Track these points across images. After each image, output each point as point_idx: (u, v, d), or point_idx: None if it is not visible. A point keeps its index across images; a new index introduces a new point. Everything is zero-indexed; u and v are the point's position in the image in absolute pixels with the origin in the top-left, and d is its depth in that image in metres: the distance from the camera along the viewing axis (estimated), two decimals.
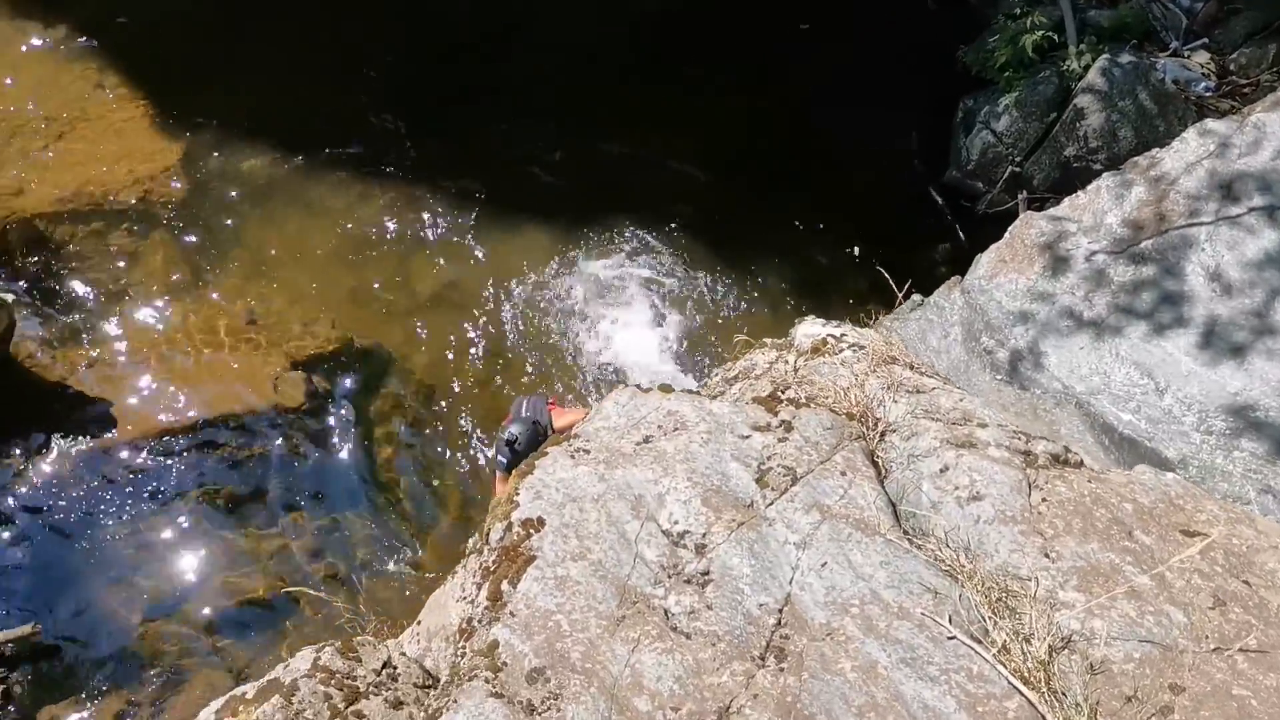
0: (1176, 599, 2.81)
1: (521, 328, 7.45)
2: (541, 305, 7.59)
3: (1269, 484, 5.21)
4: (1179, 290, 5.83)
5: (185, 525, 6.23)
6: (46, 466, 6.31)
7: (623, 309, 7.57)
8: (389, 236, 7.92)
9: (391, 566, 6.17)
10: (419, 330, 7.41)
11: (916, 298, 6.74)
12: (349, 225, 7.93)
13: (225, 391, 6.89)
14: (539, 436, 5.29)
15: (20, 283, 7.17)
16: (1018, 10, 8.20)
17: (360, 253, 7.80)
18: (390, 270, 7.72)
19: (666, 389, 3.72)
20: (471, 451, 6.76)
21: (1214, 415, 5.42)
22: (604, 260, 7.88)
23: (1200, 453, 5.38)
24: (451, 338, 7.36)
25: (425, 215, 8.05)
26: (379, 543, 6.27)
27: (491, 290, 7.62)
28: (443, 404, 7.02)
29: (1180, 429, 5.46)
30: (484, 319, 7.46)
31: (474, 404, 7.04)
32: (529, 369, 7.23)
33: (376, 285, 7.64)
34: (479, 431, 6.86)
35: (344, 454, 6.71)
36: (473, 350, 7.31)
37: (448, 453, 6.77)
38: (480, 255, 7.85)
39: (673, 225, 8.08)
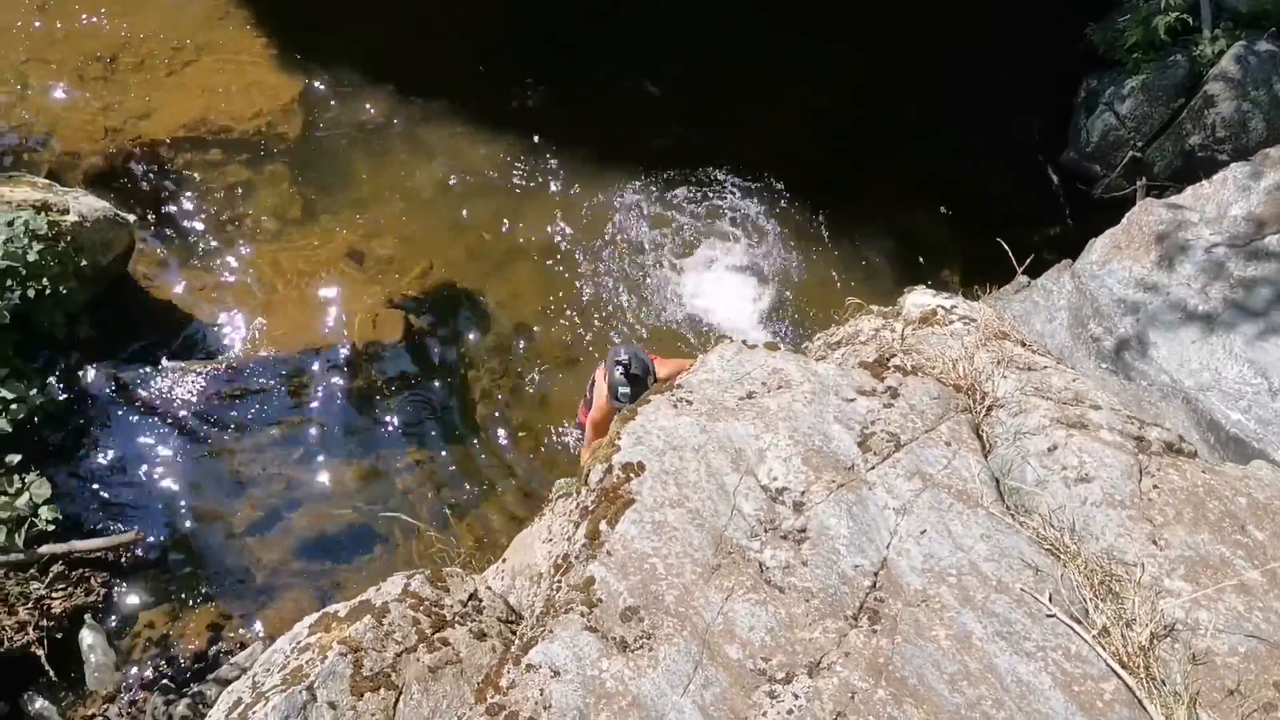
0: None
1: (616, 281, 7.48)
2: (638, 260, 7.61)
3: None
4: None
5: (281, 449, 6.39)
6: (156, 383, 6.52)
7: (718, 269, 7.56)
8: (493, 185, 8.00)
9: (478, 504, 6.26)
10: (516, 276, 7.48)
11: (1022, 279, 6.61)
12: (455, 172, 8.03)
13: (326, 323, 7.03)
14: (647, 374, 5.05)
15: (141, 205, 7.39)
16: None
17: (464, 199, 7.89)
18: (492, 217, 7.80)
19: (773, 347, 3.70)
20: (560, 397, 6.82)
21: None
22: (703, 220, 7.87)
23: None
24: (547, 286, 7.43)
25: (529, 166, 8.11)
26: (467, 480, 6.37)
27: (590, 242, 7.67)
28: (534, 350, 7.09)
29: None
30: (580, 270, 7.51)
31: (565, 352, 7.10)
32: (622, 321, 7.26)
33: (477, 231, 7.73)
34: (569, 379, 6.91)
35: (437, 392, 6.82)
36: (567, 299, 7.36)
37: (537, 398, 6.84)
38: (581, 208, 7.89)
39: (775, 188, 8.03)
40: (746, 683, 2.58)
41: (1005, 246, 4.89)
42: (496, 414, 6.77)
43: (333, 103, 8.28)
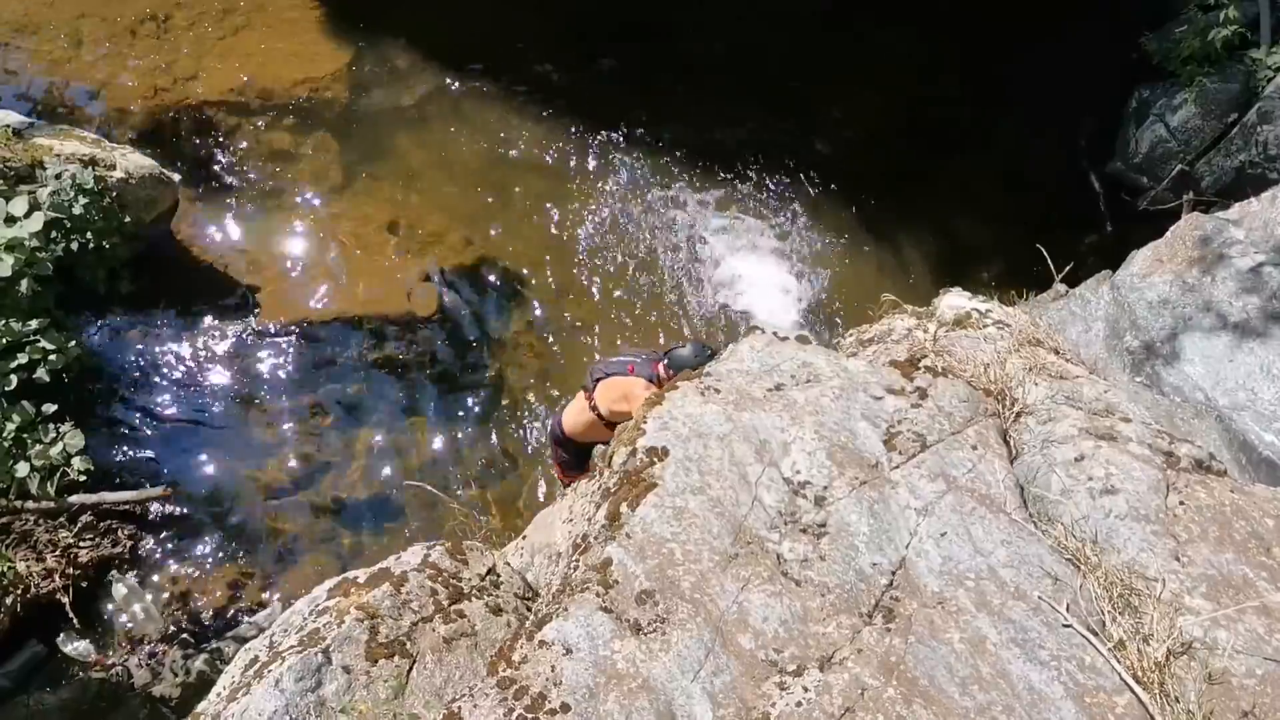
0: None
1: (652, 264, 7.51)
2: (676, 246, 7.63)
3: None
4: None
5: (310, 415, 6.46)
6: (193, 341, 6.60)
7: (756, 260, 7.57)
8: (537, 165, 8.04)
9: (502, 480, 6.30)
10: (554, 257, 7.50)
11: (1060, 287, 6.54)
12: (499, 148, 8.08)
13: (363, 293, 7.09)
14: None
15: (185, 165, 7.47)
16: (1212, 1, 7.79)
17: (507, 178, 7.93)
18: (534, 197, 7.83)
19: (804, 340, 3.70)
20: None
21: None
22: (745, 210, 7.87)
23: None
24: (585, 267, 7.45)
25: (576, 149, 8.14)
26: (492, 456, 6.41)
27: (629, 227, 7.69)
28: (567, 331, 7.12)
29: None
30: (618, 254, 7.53)
31: (598, 333, 7.12)
32: (655, 304, 7.28)
33: (518, 209, 7.77)
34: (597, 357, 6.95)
35: (468, 368, 6.86)
36: (603, 282, 7.39)
37: (567, 378, 6.86)
38: (623, 193, 7.92)
39: (819, 182, 8.03)
40: (757, 673, 2.59)
41: (1045, 254, 4.84)
42: (525, 393, 6.80)
43: (381, 74, 8.33)
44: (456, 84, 8.39)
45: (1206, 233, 6.15)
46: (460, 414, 6.63)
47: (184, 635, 5.55)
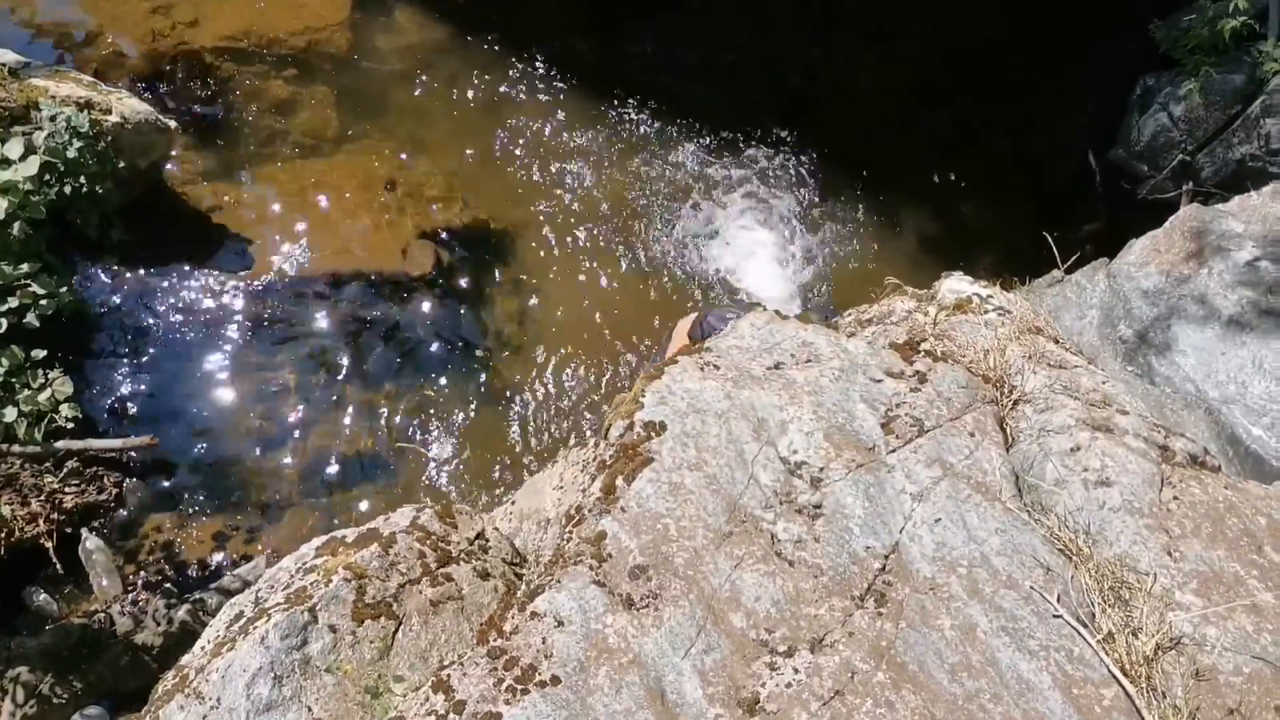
0: None
1: (653, 234, 7.46)
2: (677, 217, 7.59)
3: None
4: None
5: (302, 371, 6.42)
6: (184, 291, 6.54)
7: (757, 234, 7.54)
8: (541, 132, 7.96)
9: (494, 443, 6.29)
10: (553, 219, 7.46)
11: (1056, 274, 6.55)
12: (501, 110, 8.00)
13: (356, 249, 7.03)
14: None
15: (182, 112, 7.38)
16: None
17: (510, 141, 7.86)
18: (537, 162, 7.77)
19: (805, 319, 3.68)
20: (584, 346, 6.82)
21: None
22: (750, 187, 7.83)
23: None
24: (584, 232, 7.41)
25: (578, 113, 8.07)
26: (485, 419, 6.39)
27: (632, 197, 7.65)
28: (564, 297, 7.09)
29: None
30: (619, 223, 7.49)
31: (593, 301, 7.09)
32: (654, 273, 7.26)
33: (519, 173, 7.70)
34: (595, 328, 6.91)
35: (462, 328, 6.82)
36: (602, 250, 7.35)
37: (561, 344, 6.84)
38: (628, 163, 7.85)
39: (827, 164, 7.99)
40: (748, 652, 2.59)
41: (1050, 240, 4.84)
42: (519, 356, 6.77)
43: (384, 26, 8.22)
44: (459, 43, 8.29)
45: (1204, 225, 6.16)
46: (453, 375, 6.60)
47: (167, 584, 5.54)
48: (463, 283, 7.05)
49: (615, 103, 8.15)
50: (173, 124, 6.84)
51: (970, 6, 8.55)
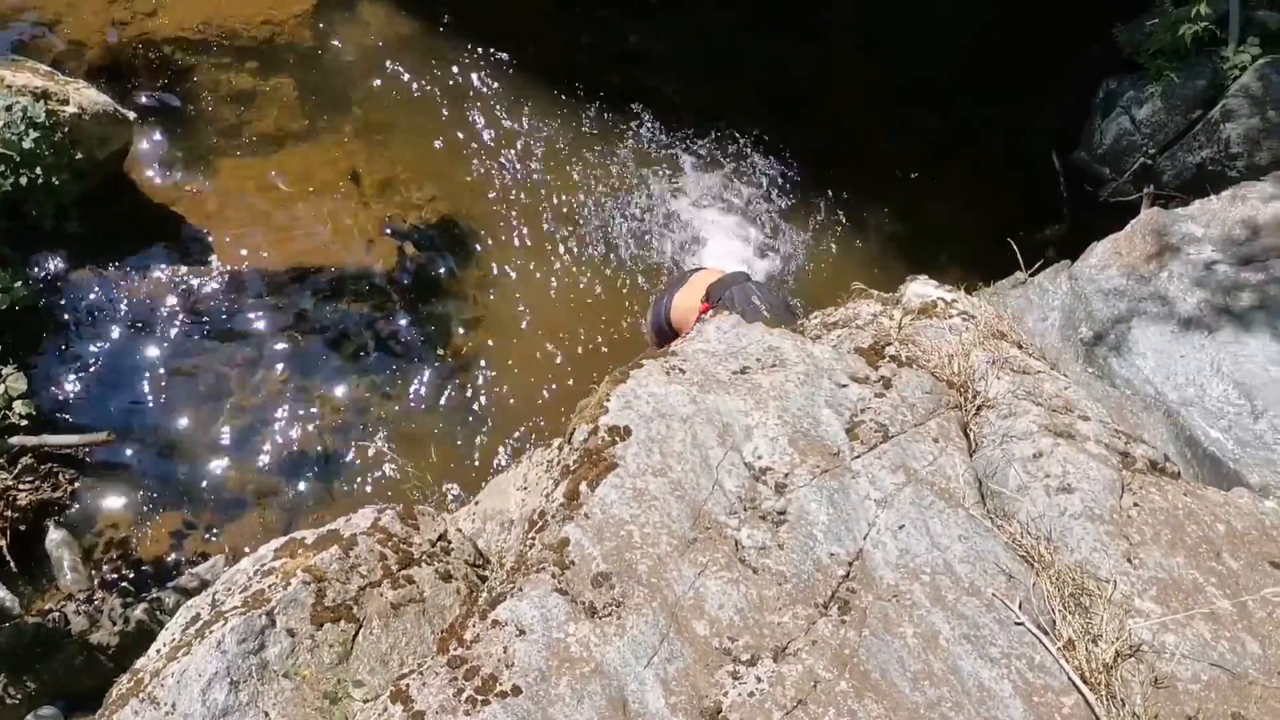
0: (1255, 629, 2.75)
1: (620, 231, 7.44)
2: (646, 214, 7.57)
3: None
4: None
5: (263, 367, 6.35)
6: (143, 285, 6.45)
7: (724, 234, 7.53)
8: (512, 126, 7.90)
9: (457, 443, 6.25)
10: (520, 214, 7.42)
11: (1019, 275, 6.59)
12: (467, 104, 7.93)
13: (319, 244, 6.96)
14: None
15: (141, 103, 7.27)
16: None
17: (479, 136, 7.80)
18: (505, 158, 7.72)
19: (771, 322, 3.67)
20: (552, 344, 6.79)
21: None
22: (719, 185, 7.83)
23: None
24: (550, 230, 7.37)
25: (544, 109, 8.02)
26: (447, 418, 6.34)
27: (600, 194, 7.62)
28: (530, 293, 7.05)
29: (1269, 456, 5.30)
30: (587, 216, 7.46)
31: (559, 297, 7.06)
32: (619, 270, 7.24)
33: (488, 168, 7.64)
34: (561, 326, 6.89)
35: (426, 325, 6.77)
36: (568, 243, 7.32)
37: (527, 342, 6.81)
38: (596, 157, 7.82)
39: (789, 159, 7.99)
40: (711, 661, 2.58)
41: (1014, 245, 4.86)
42: (485, 353, 6.73)
43: (350, 17, 8.12)
44: (425, 36, 8.21)
45: (1165, 228, 6.21)
46: (416, 372, 6.55)
47: (123, 583, 5.47)
48: (427, 277, 7.00)
49: (584, 97, 8.11)
50: (132, 115, 6.74)
51: (940, 12, 8.59)
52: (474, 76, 8.07)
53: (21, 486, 5.47)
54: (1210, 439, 5.44)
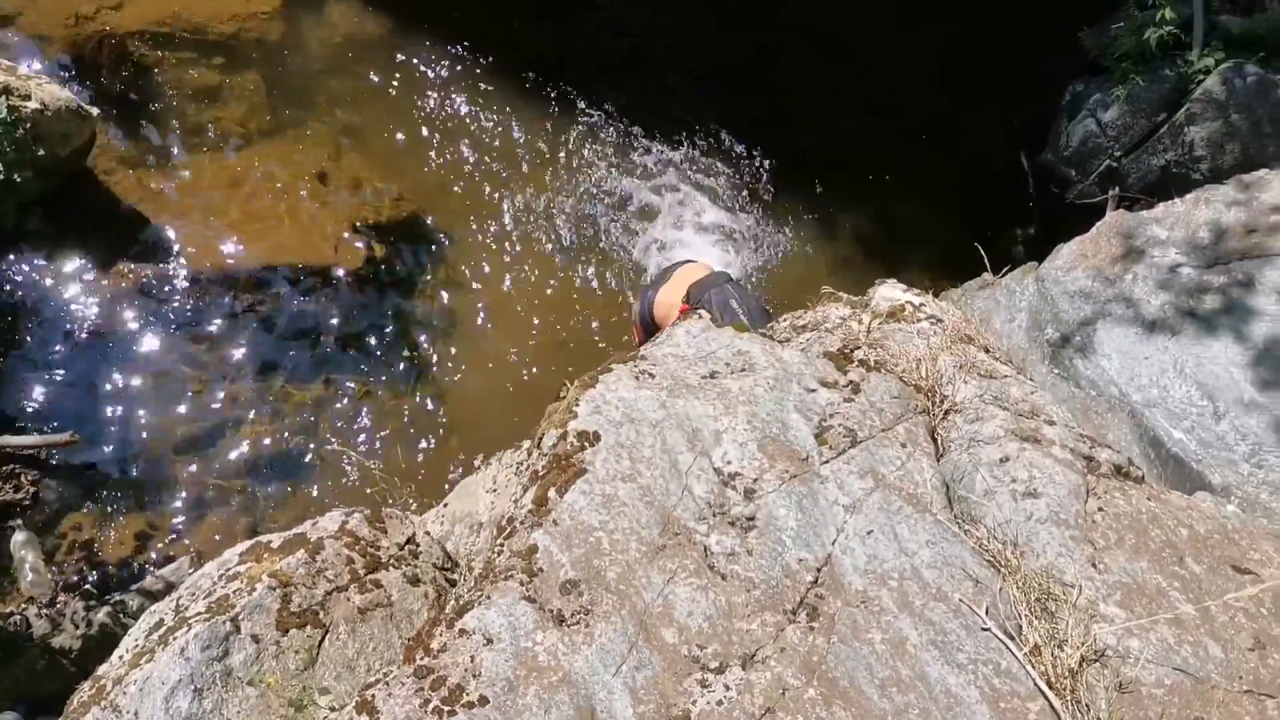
0: (1217, 634, 2.78)
1: (589, 231, 7.43)
2: (615, 214, 7.56)
3: None
4: (1259, 318, 5.69)
5: (228, 367, 6.29)
6: (106, 284, 6.36)
7: (695, 235, 7.52)
8: (482, 125, 7.85)
9: (424, 444, 6.21)
10: (488, 214, 7.38)
11: (987, 276, 6.63)
12: (436, 102, 7.88)
13: (285, 242, 6.89)
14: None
15: (105, 98, 7.16)
16: (1150, 0, 7.88)
17: (449, 135, 7.75)
18: (474, 157, 7.67)
19: (741, 327, 3.67)
20: (516, 345, 6.77)
21: (1269, 450, 5.31)
22: (688, 187, 7.82)
23: (1246, 485, 5.28)
24: (519, 231, 7.34)
25: (513, 108, 7.97)
26: (414, 419, 6.31)
27: (568, 195, 7.59)
28: (497, 290, 7.02)
29: (1231, 457, 5.36)
30: (555, 217, 7.44)
31: (525, 298, 7.03)
32: (587, 270, 7.22)
33: (457, 168, 7.60)
34: (527, 327, 6.86)
35: (394, 323, 6.72)
36: (537, 245, 7.30)
37: (494, 341, 6.78)
38: (565, 156, 7.79)
39: (760, 160, 8.00)
40: (679, 669, 2.58)
41: (980, 249, 4.89)
42: (452, 354, 6.70)
43: (318, 12, 8.04)
44: (394, 33, 8.14)
45: (1130, 230, 6.27)
46: (385, 371, 6.51)
47: (86, 586, 5.41)
48: (395, 276, 6.95)
49: (554, 95, 8.08)
50: (95, 111, 6.65)
51: (909, 14, 8.62)
52: (441, 75, 8.02)
53: None
54: (1173, 440, 5.49)
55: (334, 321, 6.62)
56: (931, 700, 2.58)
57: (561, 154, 7.81)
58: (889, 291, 4.09)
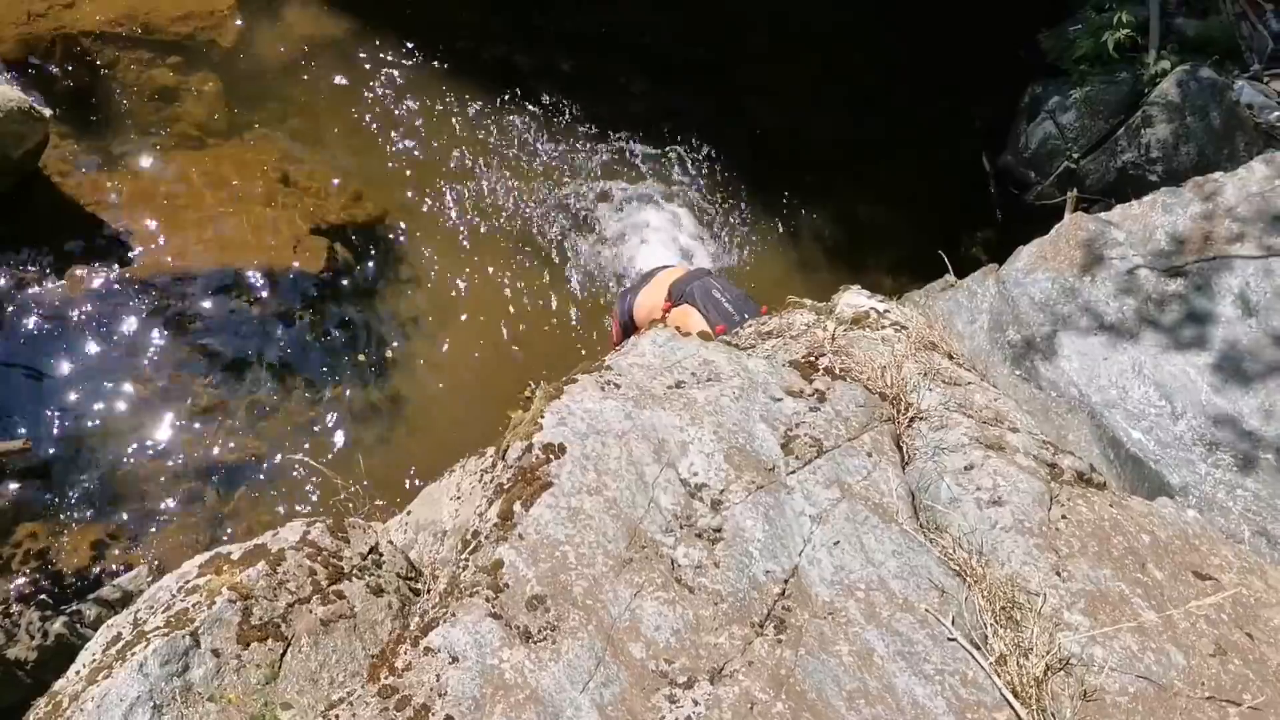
0: (1179, 640, 2.81)
1: (552, 232, 7.40)
2: (577, 215, 7.54)
3: (1265, 527, 5.21)
4: (1215, 321, 5.77)
5: (186, 373, 6.20)
6: (60, 289, 6.25)
7: (659, 239, 7.51)
8: (443, 126, 7.80)
9: (388, 450, 6.16)
10: (452, 217, 7.34)
11: (949, 278, 6.67)
12: (399, 103, 7.81)
13: (245, 245, 6.80)
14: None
15: (59, 99, 7.03)
16: (1106, 4, 7.98)
17: (409, 136, 7.68)
18: (436, 158, 7.62)
19: (706, 336, 3.66)
20: (482, 346, 6.72)
21: (1224, 449, 5.40)
22: (652, 188, 7.81)
23: (1204, 484, 5.36)
24: (483, 230, 7.30)
25: (474, 108, 7.93)
26: (378, 424, 6.25)
27: (530, 196, 7.56)
28: (460, 291, 6.98)
29: (1188, 457, 5.43)
30: (518, 218, 7.41)
31: (493, 300, 7.00)
32: (551, 273, 7.20)
33: (419, 169, 7.54)
34: (493, 328, 6.82)
35: (354, 329, 6.66)
36: (499, 245, 7.26)
37: (459, 346, 6.73)
38: (526, 157, 7.76)
39: (725, 163, 8.01)
40: (647, 684, 2.56)
41: (942, 253, 4.91)
42: (415, 357, 6.65)
43: (274, 12, 7.95)
44: (355, 33, 8.06)
45: (1089, 233, 6.33)
46: (347, 377, 6.44)
47: (42, 596, 5.31)
48: (358, 280, 6.89)
49: (519, 96, 8.03)
50: (48, 112, 6.52)
51: (869, 15, 8.66)
52: (399, 76, 7.95)
53: None
54: (1132, 440, 5.55)
55: (295, 325, 6.54)
56: (899, 711, 2.58)
57: (523, 155, 7.77)
58: (853, 298, 4.10)
